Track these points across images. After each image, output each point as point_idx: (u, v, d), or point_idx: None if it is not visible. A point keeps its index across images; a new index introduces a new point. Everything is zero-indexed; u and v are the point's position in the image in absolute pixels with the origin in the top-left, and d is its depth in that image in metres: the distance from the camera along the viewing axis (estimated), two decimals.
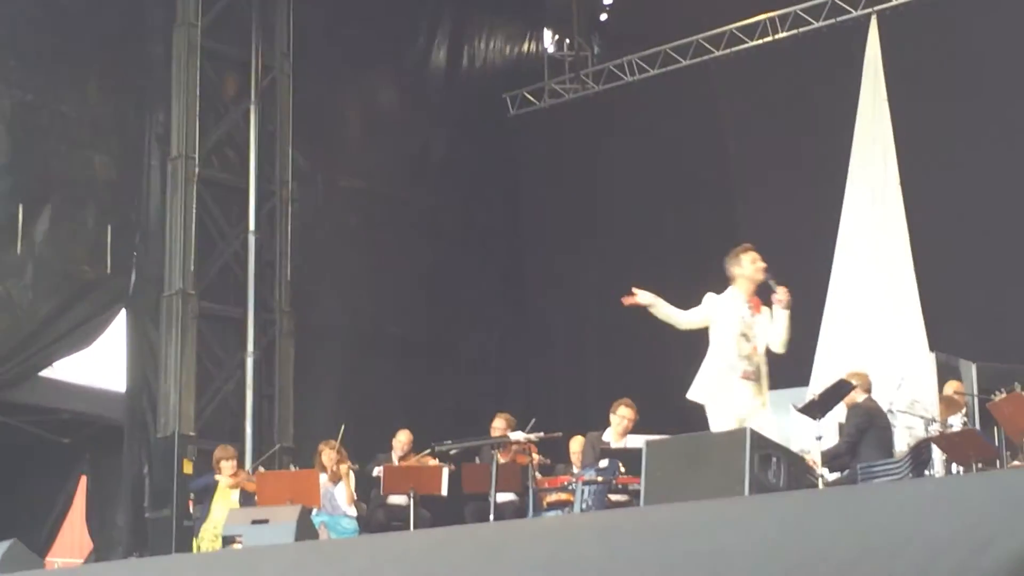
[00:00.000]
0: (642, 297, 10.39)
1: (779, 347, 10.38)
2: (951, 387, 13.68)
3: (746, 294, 10.43)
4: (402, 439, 15.20)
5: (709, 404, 10.33)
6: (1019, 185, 16.05)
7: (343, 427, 14.78)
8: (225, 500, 14.66)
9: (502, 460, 13.64)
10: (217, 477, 14.87)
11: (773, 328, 10.33)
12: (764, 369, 10.38)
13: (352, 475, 14.74)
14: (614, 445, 13.04)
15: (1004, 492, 7.76)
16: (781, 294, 10.26)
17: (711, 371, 10.35)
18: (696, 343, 19.93)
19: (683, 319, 10.51)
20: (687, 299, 19.48)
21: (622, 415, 13.29)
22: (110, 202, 16.88)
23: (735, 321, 10.31)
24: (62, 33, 16.58)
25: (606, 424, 13.40)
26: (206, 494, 14.93)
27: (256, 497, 14.15)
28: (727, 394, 10.22)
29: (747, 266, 10.44)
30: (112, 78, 17.06)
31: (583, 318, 20.27)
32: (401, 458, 15.00)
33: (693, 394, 10.38)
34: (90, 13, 16.80)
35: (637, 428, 13.17)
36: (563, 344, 20.26)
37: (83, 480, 18.26)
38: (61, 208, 16.38)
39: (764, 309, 10.40)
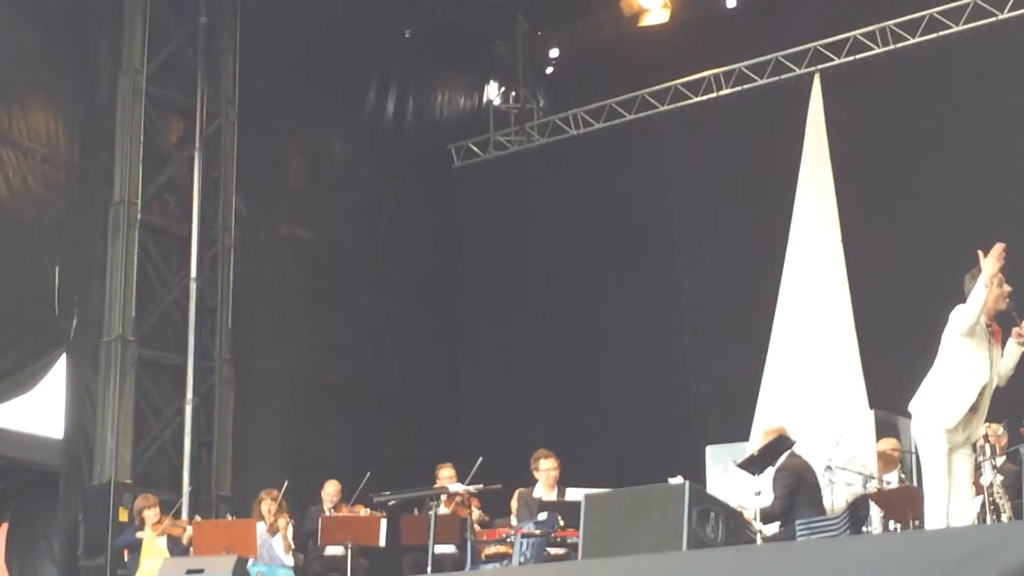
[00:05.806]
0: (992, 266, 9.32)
1: (1003, 381, 9.58)
2: (887, 444, 13.72)
3: (985, 318, 9.49)
4: (330, 490, 15.04)
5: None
6: (960, 243, 16.12)
7: (286, 483, 14.66)
8: (153, 549, 14.49)
9: (441, 511, 13.57)
10: (139, 535, 14.69)
11: (1003, 362, 9.55)
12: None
13: (290, 526, 14.61)
14: (546, 498, 13.03)
15: (940, 549, 7.77)
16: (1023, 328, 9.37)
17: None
18: (634, 400, 19.80)
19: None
20: (627, 348, 19.39)
21: (545, 468, 13.35)
22: (59, 244, 16.71)
23: None
24: (17, 71, 16.47)
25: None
26: (134, 547, 14.76)
27: (191, 545, 14.03)
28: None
29: (991, 288, 9.38)
30: (66, 119, 16.94)
31: (524, 369, 20.23)
32: (332, 508, 14.88)
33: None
34: (44, 53, 16.73)
35: (574, 481, 13.14)
36: (503, 395, 20.20)
37: (4, 527, 17.93)
38: (10, 247, 16.16)
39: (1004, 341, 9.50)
